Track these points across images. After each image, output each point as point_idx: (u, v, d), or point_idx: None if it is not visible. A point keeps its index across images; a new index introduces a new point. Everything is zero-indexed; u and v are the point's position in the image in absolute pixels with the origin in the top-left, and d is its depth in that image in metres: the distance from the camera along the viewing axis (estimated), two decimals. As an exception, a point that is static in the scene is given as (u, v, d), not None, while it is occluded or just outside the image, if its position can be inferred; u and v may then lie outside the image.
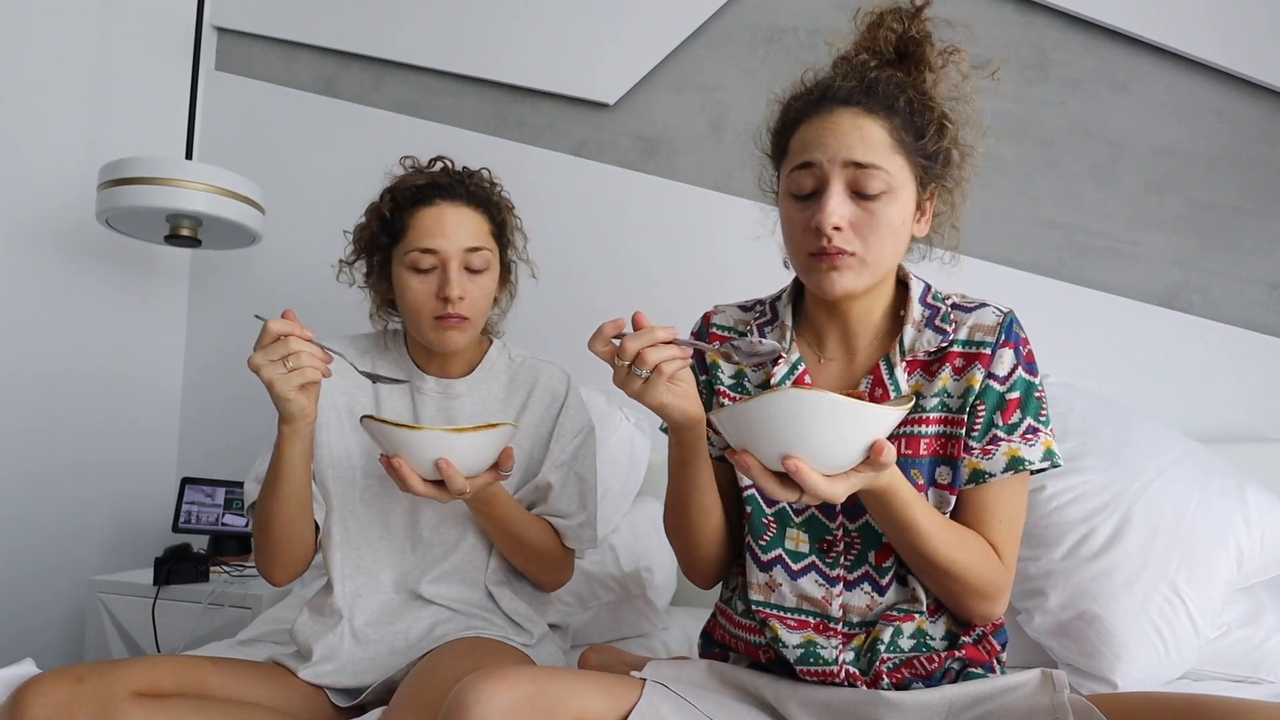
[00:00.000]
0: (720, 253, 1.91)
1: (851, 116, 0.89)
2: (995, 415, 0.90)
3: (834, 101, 0.90)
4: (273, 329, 0.97)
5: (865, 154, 0.87)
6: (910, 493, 0.82)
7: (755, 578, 0.96)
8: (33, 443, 1.96)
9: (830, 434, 0.70)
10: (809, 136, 0.90)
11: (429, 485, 0.99)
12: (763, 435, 0.71)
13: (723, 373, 1.02)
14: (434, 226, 1.16)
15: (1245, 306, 1.68)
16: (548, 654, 1.21)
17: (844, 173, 0.87)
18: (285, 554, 1.13)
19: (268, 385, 0.97)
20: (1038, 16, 1.80)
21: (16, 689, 0.89)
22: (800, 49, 1.93)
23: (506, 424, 1.00)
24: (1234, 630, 1.24)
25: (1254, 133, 1.69)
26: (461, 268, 1.16)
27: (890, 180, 0.88)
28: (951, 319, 0.94)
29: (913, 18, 0.94)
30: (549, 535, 1.19)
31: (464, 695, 0.74)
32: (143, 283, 2.24)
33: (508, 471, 1.04)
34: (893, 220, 0.88)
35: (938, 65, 0.95)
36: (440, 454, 0.96)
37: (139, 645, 1.79)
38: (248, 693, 1.04)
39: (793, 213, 0.92)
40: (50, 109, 1.99)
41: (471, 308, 1.17)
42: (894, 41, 0.95)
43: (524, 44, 2.11)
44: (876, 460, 0.72)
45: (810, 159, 0.89)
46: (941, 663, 0.90)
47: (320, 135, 2.28)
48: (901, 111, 0.90)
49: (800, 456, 0.70)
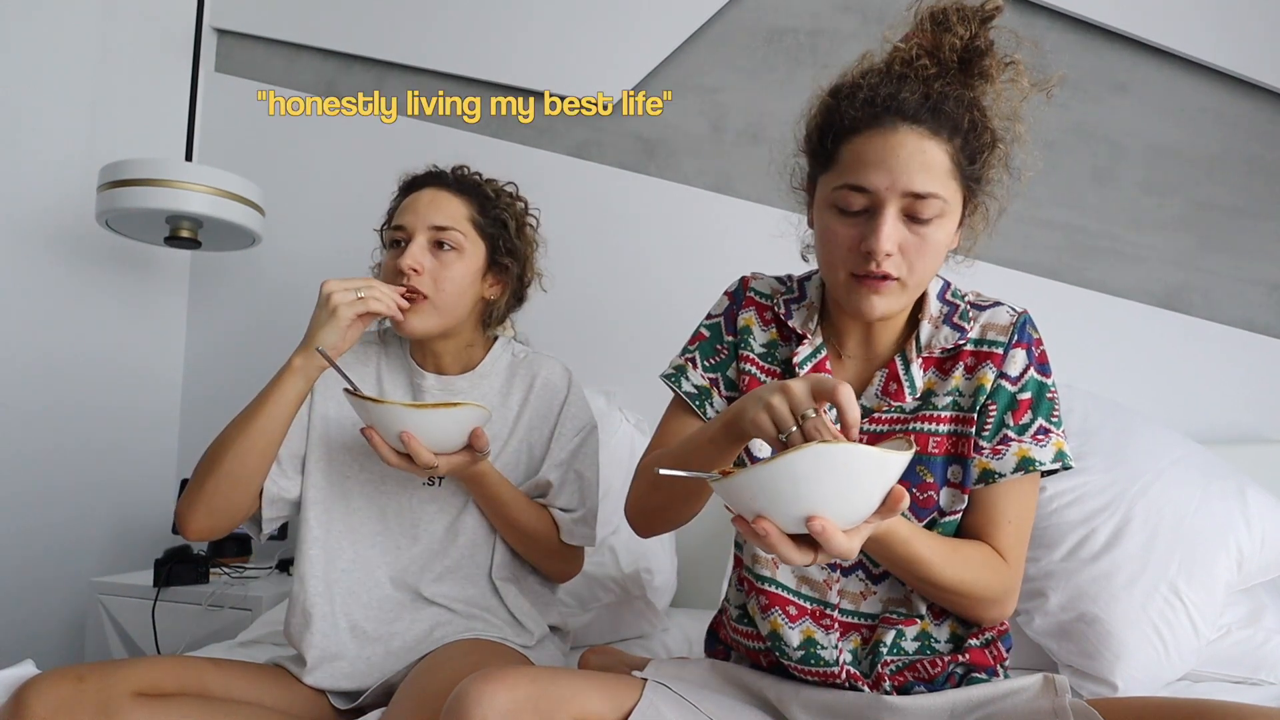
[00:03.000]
0: (720, 254, 1.91)
1: (916, 138, 0.83)
2: (1006, 415, 0.90)
3: (898, 117, 0.83)
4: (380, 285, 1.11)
5: (926, 184, 0.83)
6: (908, 528, 0.82)
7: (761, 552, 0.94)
8: (33, 444, 1.96)
9: (853, 487, 0.65)
10: (867, 154, 0.84)
11: (400, 458, 1.05)
12: (785, 498, 0.65)
13: (754, 339, 1.00)
14: (409, 206, 1.20)
15: (1246, 307, 1.68)
16: (547, 656, 1.20)
17: (901, 199, 0.84)
18: (223, 495, 1.10)
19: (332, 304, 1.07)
20: (1038, 18, 1.80)
21: (18, 688, 0.89)
22: (800, 50, 1.93)
23: (470, 404, 1.03)
24: (1234, 631, 1.24)
25: (1254, 134, 1.69)
26: (426, 244, 1.18)
27: (944, 206, 0.85)
28: (970, 317, 0.94)
29: (981, 24, 0.87)
30: (546, 522, 1.19)
31: (464, 696, 0.73)
32: (142, 284, 2.24)
33: (484, 452, 1.08)
34: (940, 243, 0.87)
35: (998, 79, 0.89)
36: (402, 427, 1.02)
37: (139, 647, 1.79)
38: (248, 693, 1.04)
39: (837, 228, 0.87)
40: (50, 110, 1.99)
41: (432, 287, 1.16)
42: (959, 48, 0.87)
43: (524, 45, 2.11)
44: (894, 508, 0.67)
45: (867, 184, 0.84)
46: (945, 667, 0.90)
47: (320, 137, 2.28)
48: (964, 133, 0.85)
49: (825, 515, 0.65)
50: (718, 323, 1.04)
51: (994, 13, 0.88)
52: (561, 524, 1.20)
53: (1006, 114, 0.91)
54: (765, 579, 0.94)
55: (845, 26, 1.91)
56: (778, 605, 0.93)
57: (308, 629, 1.13)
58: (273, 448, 1.12)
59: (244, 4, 2.35)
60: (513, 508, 1.16)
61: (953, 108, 0.85)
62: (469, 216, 1.21)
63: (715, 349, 1.02)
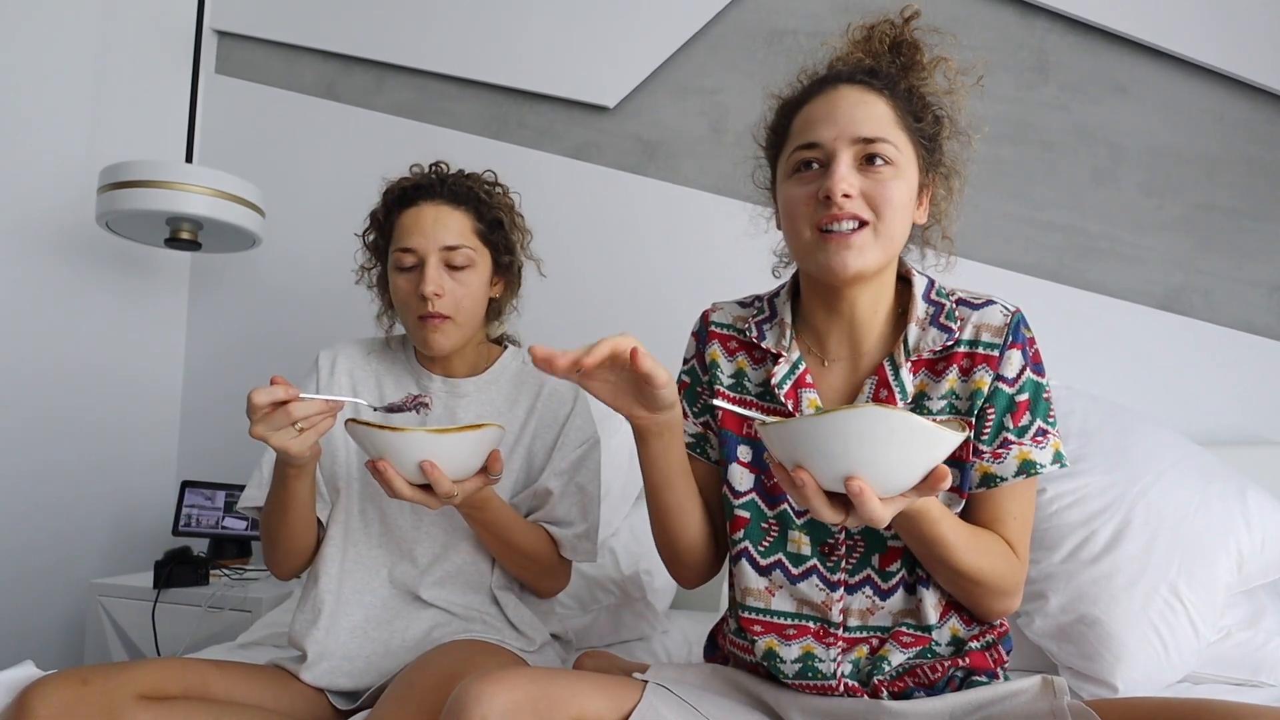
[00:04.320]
0: (720, 255, 1.90)
1: (857, 93, 0.89)
2: (1005, 418, 0.90)
3: (837, 80, 0.91)
4: (260, 401, 0.91)
5: (872, 128, 0.87)
6: (939, 509, 0.82)
7: (753, 583, 0.94)
8: (33, 446, 1.96)
9: (900, 456, 0.65)
10: (813, 115, 0.90)
11: (416, 490, 0.96)
12: (829, 453, 0.65)
13: (721, 372, 1.01)
14: (413, 225, 1.18)
15: (1246, 309, 1.68)
16: (547, 663, 1.20)
17: (851, 148, 0.87)
18: (292, 559, 1.18)
19: (281, 450, 0.95)
20: (1037, 19, 1.81)
21: (22, 690, 0.89)
22: (800, 52, 1.90)
23: (492, 425, 0.96)
24: (1234, 633, 1.24)
25: (1254, 135, 1.70)
26: (441, 265, 1.17)
27: (896, 154, 0.87)
28: (957, 316, 0.92)
29: (904, 25, 0.96)
30: (544, 543, 1.17)
31: (464, 696, 0.73)
32: (143, 285, 2.24)
33: (497, 475, 1.00)
34: (901, 195, 0.88)
35: (930, 68, 0.96)
36: (424, 456, 0.93)
37: (139, 649, 1.79)
38: (250, 695, 1.04)
39: (796, 190, 0.90)
40: (50, 112, 1.99)
41: (454, 307, 1.17)
42: (888, 41, 0.96)
43: (524, 47, 2.11)
44: (935, 485, 0.67)
45: (815, 138, 0.88)
46: (945, 671, 0.90)
47: (320, 138, 2.28)
48: (901, 94, 0.91)
49: (865, 478, 0.66)
50: (692, 366, 1.05)
51: (913, 15, 0.96)
52: (562, 540, 1.18)
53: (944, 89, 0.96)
54: (758, 610, 0.94)
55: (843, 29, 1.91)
56: (773, 632, 0.93)
57: (315, 625, 1.14)
58: (312, 517, 1.16)
59: (244, 6, 2.35)
60: (514, 531, 1.14)
61: (887, 73, 0.93)
62: (473, 229, 1.21)
63: (697, 393, 1.03)
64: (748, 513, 0.95)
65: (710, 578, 1.04)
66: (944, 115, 0.96)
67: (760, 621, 0.94)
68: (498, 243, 1.24)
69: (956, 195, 0.99)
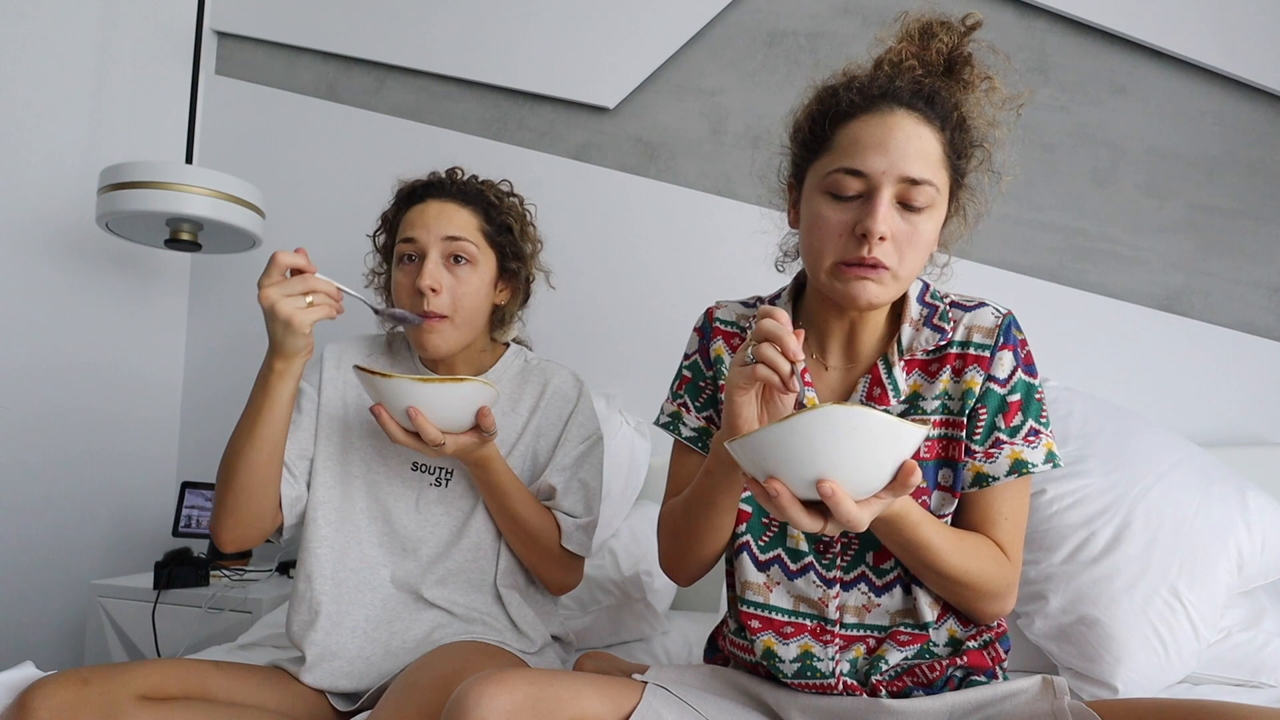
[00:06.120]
0: (721, 256, 1.91)
1: (913, 123, 0.85)
2: (997, 418, 0.90)
3: (894, 102, 0.86)
4: (283, 261, 0.99)
5: (920, 169, 0.84)
6: (920, 512, 0.81)
7: (752, 577, 0.95)
8: (33, 447, 1.96)
9: (866, 454, 0.65)
10: (864, 137, 0.85)
11: (409, 436, 1.05)
12: (796, 458, 0.65)
13: (726, 368, 1.01)
14: (418, 219, 1.19)
15: (1246, 310, 1.68)
16: (548, 664, 1.20)
17: (896, 185, 0.84)
18: (245, 507, 1.10)
19: (284, 319, 0.99)
20: (1037, 20, 1.81)
21: (23, 691, 0.89)
22: (800, 53, 1.94)
23: (476, 380, 1.03)
24: (1234, 634, 1.24)
25: (1254, 136, 1.70)
26: (441, 258, 1.17)
27: (935, 196, 0.86)
28: (950, 317, 0.94)
29: (963, 35, 0.92)
30: (549, 523, 1.18)
31: (464, 697, 0.74)
32: (143, 286, 2.24)
33: (490, 433, 1.07)
34: (930, 235, 0.87)
35: (978, 88, 0.93)
36: (409, 402, 1.01)
37: (139, 650, 1.79)
38: (250, 696, 1.04)
39: (828, 213, 0.87)
40: (50, 113, 1.99)
41: (451, 306, 1.16)
42: (945, 53, 0.92)
43: (524, 48, 2.12)
44: (905, 482, 0.67)
45: (863, 167, 0.85)
46: (943, 670, 0.90)
47: (321, 139, 2.28)
48: (953, 127, 0.88)
49: (836, 480, 0.65)
50: (695, 361, 1.04)
51: (975, 25, 0.92)
52: (565, 527, 1.19)
53: (988, 119, 0.94)
54: (757, 604, 0.94)
55: (845, 29, 1.92)
56: (771, 629, 0.93)
57: (313, 627, 1.13)
58: (279, 448, 1.11)
59: (244, 6, 2.35)
60: (517, 500, 1.15)
61: (943, 100, 0.88)
62: (479, 227, 1.21)
63: (699, 388, 1.03)
64: (750, 507, 0.96)
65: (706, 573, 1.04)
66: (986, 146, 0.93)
67: (758, 617, 0.94)
68: (504, 246, 1.24)
69: (971, 225, 0.97)
